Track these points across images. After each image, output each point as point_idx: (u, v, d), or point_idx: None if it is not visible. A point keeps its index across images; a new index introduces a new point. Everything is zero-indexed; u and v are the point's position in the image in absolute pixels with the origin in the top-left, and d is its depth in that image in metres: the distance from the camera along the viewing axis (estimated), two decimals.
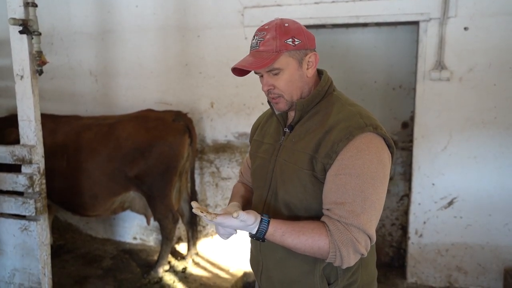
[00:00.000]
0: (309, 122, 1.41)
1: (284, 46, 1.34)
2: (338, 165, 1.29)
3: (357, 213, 1.25)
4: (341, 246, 1.25)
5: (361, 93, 3.66)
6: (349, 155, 1.28)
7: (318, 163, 1.32)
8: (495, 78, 3.16)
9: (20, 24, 2.43)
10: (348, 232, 1.25)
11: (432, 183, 3.37)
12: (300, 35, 1.36)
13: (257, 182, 1.56)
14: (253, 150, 1.63)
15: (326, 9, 3.38)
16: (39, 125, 2.60)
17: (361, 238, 1.26)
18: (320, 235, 1.27)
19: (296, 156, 1.38)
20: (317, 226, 1.29)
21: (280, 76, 1.38)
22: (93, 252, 4.13)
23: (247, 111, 3.77)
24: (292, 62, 1.36)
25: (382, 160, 1.31)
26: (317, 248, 1.27)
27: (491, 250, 3.33)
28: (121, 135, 3.50)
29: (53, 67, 4.14)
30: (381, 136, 1.33)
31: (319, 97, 1.42)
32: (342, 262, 1.27)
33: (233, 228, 1.32)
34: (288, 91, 1.39)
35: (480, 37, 3.14)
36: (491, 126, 3.21)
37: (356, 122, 1.31)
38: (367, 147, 1.29)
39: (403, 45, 3.53)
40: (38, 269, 2.66)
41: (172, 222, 3.59)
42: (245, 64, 1.35)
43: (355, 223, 1.25)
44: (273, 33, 1.35)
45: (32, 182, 2.57)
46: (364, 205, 1.26)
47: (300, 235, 1.28)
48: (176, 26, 3.85)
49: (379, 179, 1.29)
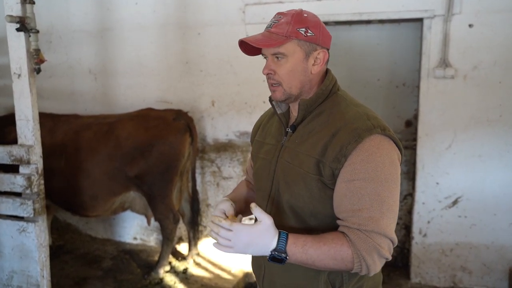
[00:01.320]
0: (313, 122, 1.36)
1: (295, 33, 1.31)
2: (350, 171, 1.24)
3: (376, 219, 1.21)
4: (365, 255, 1.21)
5: (364, 91, 3.62)
6: (360, 158, 1.23)
7: (326, 167, 1.28)
8: (500, 76, 3.12)
9: (17, 22, 2.38)
10: (370, 239, 1.21)
11: (436, 182, 3.33)
12: (316, 28, 1.33)
13: (259, 183, 1.51)
14: (255, 151, 1.58)
15: (328, 6, 3.34)
16: (37, 124, 2.55)
17: (383, 243, 1.22)
18: (341, 245, 1.22)
19: (301, 159, 1.34)
20: (337, 236, 1.24)
21: (283, 63, 1.33)
22: (93, 252, 4.08)
23: (248, 109, 3.72)
24: (298, 51, 1.32)
25: (393, 161, 1.27)
26: (340, 259, 1.22)
27: (496, 250, 3.29)
28: (121, 134, 3.46)
29: (52, 66, 4.09)
30: (389, 137, 1.29)
31: (323, 96, 1.38)
32: (369, 271, 1.23)
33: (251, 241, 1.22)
34: (287, 81, 1.34)
35: (485, 34, 3.10)
36: (496, 124, 3.17)
37: (364, 124, 1.27)
38: (378, 149, 1.25)
39: (406, 43, 3.48)
40: (36, 271, 2.61)
41: (173, 222, 3.55)
42: (252, 39, 1.33)
43: (376, 229, 1.21)
44: (288, 18, 1.33)
45: (30, 182, 2.53)
46: (382, 209, 1.22)
47: (322, 246, 1.22)
48: (176, 23, 3.80)
49: (393, 181, 1.25)
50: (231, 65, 3.69)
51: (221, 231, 1.23)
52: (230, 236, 1.22)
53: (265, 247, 1.22)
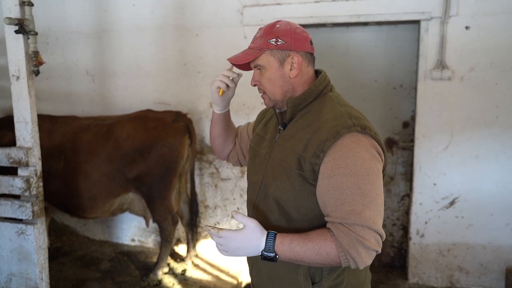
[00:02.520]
0: (300, 120, 1.43)
1: (266, 44, 1.41)
2: (331, 166, 1.28)
3: (358, 212, 1.23)
4: (348, 248, 1.22)
5: (362, 92, 3.63)
6: (340, 154, 1.28)
7: (306, 162, 1.33)
8: (496, 78, 3.14)
9: (16, 24, 2.37)
10: (352, 232, 1.23)
11: (433, 183, 3.35)
12: (286, 36, 1.41)
13: (253, 177, 1.58)
14: (254, 143, 1.64)
15: (326, 8, 3.35)
16: (35, 126, 2.54)
17: (368, 235, 1.23)
18: (325, 240, 1.26)
19: (286, 154, 1.41)
20: (321, 232, 1.29)
21: (263, 73, 1.45)
22: (91, 254, 4.08)
23: (246, 110, 3.73)
24: (273, 61, 1.42)
25: (373, 155, 1.31)
26: (325, 254, 1.25)
27: (493, 250, 3.31)
28: (120, 135, 3.45)
29: (49, 67, 4.08)
30: (369, 136, 1.32)
31: (312, 96, 1.44)
32: (356, 264, 1.24)
33: (240, 245, 1.32)
34: (269, 89, 1.46)
35: (481, 36, 3.12)
36: (493, 126, 3.19)
37: (344, 122, 1.32)
38: (357, 145, 1.29)
39: (404, 44, 3.50)
40: (35, 274, 2.60)
41: (171, 223, 3.55)
42: (234, 57, 1.48)
43: (358, 222, 1.23)
44: (262, 32, 1.45)
45: (29, 185, 2.52)
46: (363, 202, 1.24)
47: (307, 242, 1.27)
48: (174, 25, 3.80)
49: (374, 174, 1.28)
50: None
51: (213, 237, 1.34)
52: (221, 242, 1.33)
53: (255, 249, 1.31)
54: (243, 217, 1.33)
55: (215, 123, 1.76)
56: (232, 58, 1.49)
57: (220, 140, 1.80)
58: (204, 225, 1.40)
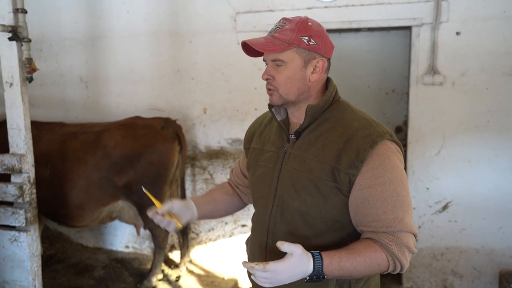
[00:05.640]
0: (319, 128, 1.38)
1: (297, 41, 1.32)
2: (370, 176, 1.28)
3: (400, 218, 1.27)
4: (399, 256, 1.26)
5: (355, 97, 3.66)
6: (378, 163, 1.28)
7: (341, 174, 1.30)
8: (487, 82, 3.18)
9: (9, 31, 2.37)
10: (400, 240, 1.26)
11: (426, 187, 3.37)
12: (319, 38, 1.34)
13: (260, 191, 1.49)
14: (253, 158, 1.55)
15: (318, 14, 3.38)
16: (29, 133, 2.54)
17: (410, 240, 1.28)
18: (375, 252, 1.26)
19: (310, 165, 1.35)
20: (367, 244, 1.28)
21: (281, 70, 1.35)
22: (84, 261, 4.05)
23: (240, 116, 3.74)
24: (297, 59, 1.33)
25: (401, 161, 1.36)
26: (376, 265, 1.26)
27: (486, 254, 3.33)
28: (108, 143, 3.40)
29: (43, 74, 4.07)
30: (395, 143, 1.36)
31: (328, 103, 1.40)
32: (403, 269, 1.29)
33: (289, 275, 1.20)
34: (284, 87, 1.36)
35: (472, 41, 3.16)
36: (485, 130, 3.23)
37: (375, 130, 1.33)
38: (391, 152, 1.31)
39: (395, 50, 3.54)
40: (28, 281, 2.59)
41: (164, 230, 3.53)
42: (255, 42, 1.33)
43: (403, 228, 1.27)
44: (293, 25, 1.33)
45: (22, 191, 2.51)
46: (403, 207, 1.28)
47: (356, 257, 1.24)
48: (168, 31, 3.81)
49: (405, 179, 1.33)
50: (222, 73, 3.71)
51: (256, 273, 1.20)
52: (267, 276, 1.20)
53: (302, 274, 1.22)
54: (289, 245, 1.20)
55: (210, 216, 1.74)
56: (253, 43, 1.33)
57: (228, 212, 1.76)
58: (243, 262, 1.24)
